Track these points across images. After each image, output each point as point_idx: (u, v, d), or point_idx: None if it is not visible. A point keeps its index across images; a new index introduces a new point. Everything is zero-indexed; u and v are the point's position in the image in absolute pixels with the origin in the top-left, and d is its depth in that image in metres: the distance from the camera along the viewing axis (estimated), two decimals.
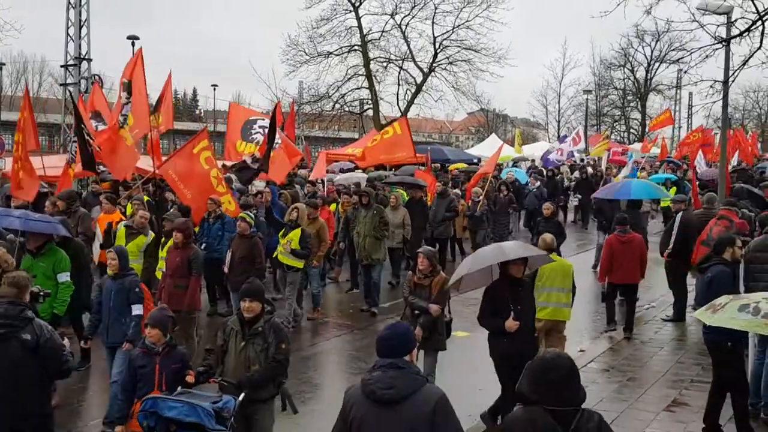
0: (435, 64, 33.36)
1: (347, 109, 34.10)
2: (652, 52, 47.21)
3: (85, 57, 21.37)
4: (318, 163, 19.78)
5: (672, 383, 8.37)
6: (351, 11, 32.12)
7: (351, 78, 33.08)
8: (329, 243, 12.35)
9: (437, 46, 33.10)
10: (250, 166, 13.10)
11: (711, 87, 12.72)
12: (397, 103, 33.65)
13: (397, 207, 13.46)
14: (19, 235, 8.08)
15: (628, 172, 19.79)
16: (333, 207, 14.28)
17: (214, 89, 52.82)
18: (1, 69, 43.63)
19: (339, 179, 18.69)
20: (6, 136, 25.45)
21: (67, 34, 21.33)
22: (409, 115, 29.46)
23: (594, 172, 23.41)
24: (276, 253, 10.85)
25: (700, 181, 17.87)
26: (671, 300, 11.48)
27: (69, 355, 5.15)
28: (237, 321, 5.46)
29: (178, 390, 5.27)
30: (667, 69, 47.24)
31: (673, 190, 18.77)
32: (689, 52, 13.25)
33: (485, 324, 6.84)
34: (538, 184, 19.58)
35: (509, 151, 29.93)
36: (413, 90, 33.61)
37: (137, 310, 6.81)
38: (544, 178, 21.33)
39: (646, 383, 8.38)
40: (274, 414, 5.59)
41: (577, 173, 25.20)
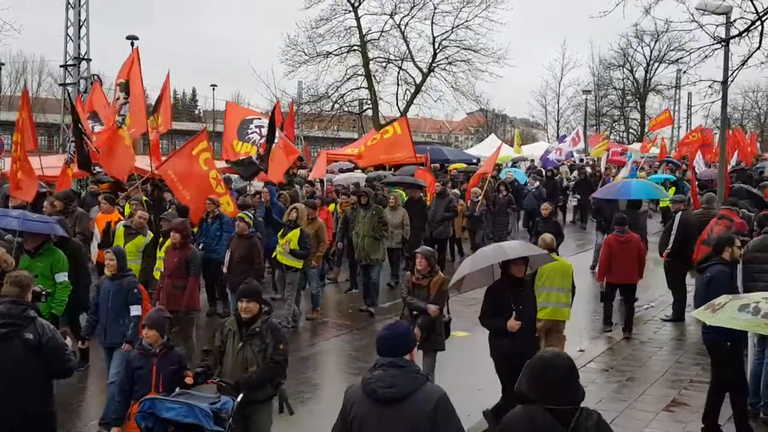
0: (434, 64, 33.36)
1: (346, 109, 34.08)
2: (651, 52, 47.32)
3: (85, 57, 21.34)
4: (318, 163, 19.74)
5: (671, 383, 8.37)
6: (350, 11, 32.12)
7: (350, 78, 33.09)
8: (328, 243, 12.34)
9: (436, 46, 33.11)
10: (255, 162, 13.08)
11: (710, 87, 12.73)
12: (397, 103, 33.67)
13: (396, 207, 13.45)
14: (17, 235, 8.06)
15: (627, 173, 19.80)
16: (332, 207, 14.27)
17: (213, 89, 52.84)
18: (0, 69, 43.62)
19: (338, 179, 18.68)
20: (5, 136, 25.43)
21: (67, 34, 21.30)
22: (409, 115, 29.39)
23: (593, 172, 23.40)
24: (275, 254, 10.84)
25: (700, 181, 17.89)
26: (670, 300, 11.49)
27: (71, 354, 5.17)
28: (234, 322, 5.46)
29: (176, 391, 5.27)
30: (667, 69, 47.38)
31: (672, 190, 18.78)
32: (688, 52, 13.26)
33: (487, 324, 6.83)
34: (537, 184, 19.57)
35: (508, 151, 29.94)
36: (412, 90, 33.61)
37: (136, 311, 6.80)
38: (543, 178, 21.32)
39: (646, 383, 8.38)
40: (272, 415, 5.59)
41: (575, 173, 25.23)
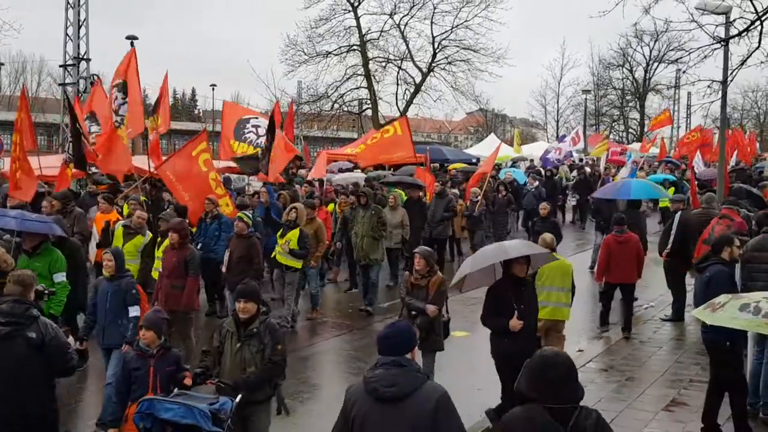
0: (434, 64, 33.35)
1: (346, 108, 34.06)
2: (651, 51, 47.30)
3: (84, 57, 21.34)
4: (317, 163, 19.75)
5: (671, 383, 8.37)
6: (350, 11, 32.11)
7: (350, 78, 33.07)
8: (327, 243, 12.33)
9: (436, 46, 33.10)
10: (258, 157, 13.09)
11: (709, 87, 12.72)
12: (396, 103, 33.66)
13: (396, 207, 13.44)
14: (15, 235, 8.05)
15: (627, 173, 19.79)
16: (331, 207, 14.26)
17: (213, 89, 52.83)
18: None
19: (337, 179, 18.67)
20: (5, 136, 25.42)
21: (66, 34, 21.29)
22: (408, 114, 29.39)
23: (592, 172, 23.40)
24: (274, 253, 10.83)
25: (699, 181, 17.88)
26: (670, 299, 11.48)
27: (73, 353, 5.20)
28: (232, 322, 5.44)
29: (175, 391, 5.26)
30: (666, 69, 47.36)
31: (671, 190, 18.77)
32: (688, 52, 13.25)
33: (489, 324, 6.79)
34: (537, 184, 19.57)
35: (508, 151, 29.94)
36: (412, 90, 33.59)
37: (135, 311, 6.77)
38: (542, 178, 21.33)
39: (645, 383, 8.37)
40: (270, 415, 5.57)
41: (575, 173, 25.23)
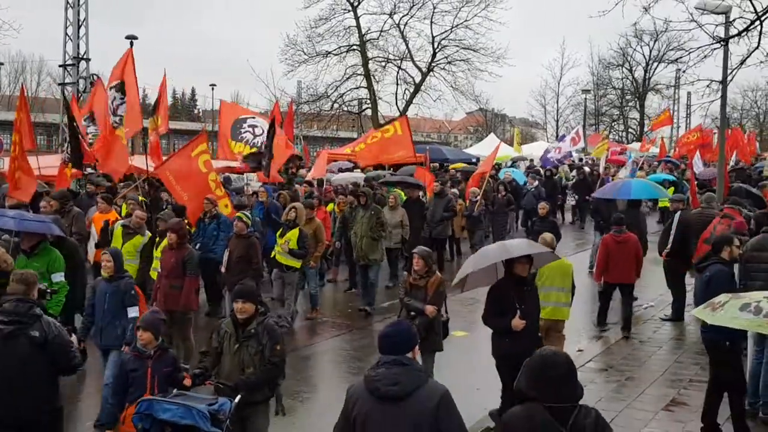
0: (433, 64, 33.35)
1: (346, 108, 34.07)
2: (651, 51, 47.32)
3: (84, 57, 21.33)
4: (317, 163, 19.74)
5: (670, 383, 8.36)
6: (349, 11, 32.11)
7: (349, 78, 33.08)
8: (326, 243, 12.31)
9: (436, 46, 33.11)
10: (263, 152, 13.13)
11: (708, 87, 12.72)
12: (396, 103, 33.68)
13: (396, 207, 13.43)
14: (13, 235, 8.04)
15: (628, 173, 19.79)
16: (330, 207, 14.25)
17: (213, 89, 52.82)
18: None
19: (336, 179, 18.66)
20: (4, 136, 25.43)
21: (66, 34, 21.29)
22: (408, 114, 29.41)
23: (591, 172, 23.39)
24: (274, 253, 10.82)
25: (699, 181, 17.88)
26: (670, 299, 11.47)
27: (77, 351, 5.24)
28: (231, 323, 5.42)
29: (174, 392, 5.25)
30: (666, 69, 47.38)
31: (671, 190, 18.75)
32: (688, 51, 13.24)
33: (491, 324, 6.76)
34: (536, 183, 19.57)
35: (508, 151, 29.93)
36: (412, 90, 33.60)
37: (133, 312, 6.74)
38: (541, 177, 21.34)
39: (645, 383, 8.37)
40: (269, 416, 5.56)
41: (574, 173, 25.22)
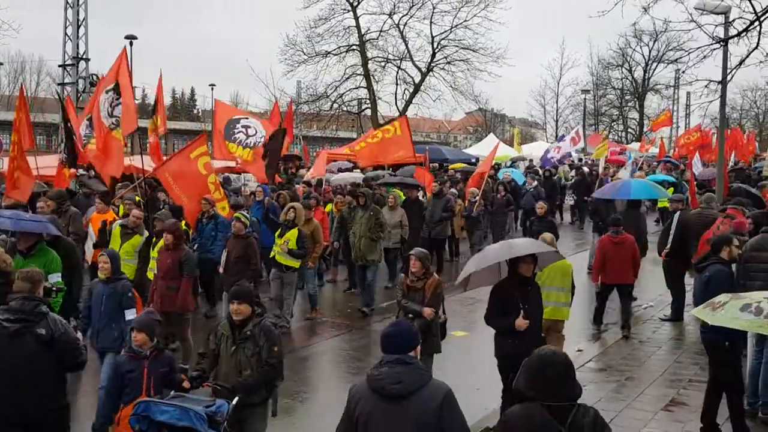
0: (433, 64, 33.34)
1: (345, 108, 34.05)
2: (650, 51, 47.37)
3: (83, 57, 21.33)
4: (317, 163, 19.73)
5: (670, 383, 8.36)
6: (349, 11, 32.09)
7: (349, 78, 33.05)
8: (324, 244, 12.30)
9: (435, 46, 33.10)
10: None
11: (706, 87, 12.71)
12: (395, 103, 33.65)
13: (395, 207, 13.43)
14: (10, 235, 8.02)
15: (628, 173, 19.78)
16: (329, 208, 14.24)
17: (212, 89, 52.75)
18: None
19: (335, 179, 18.66)
20: (4, 136, 25.45)
21: (65, 34, 21.29)
22: (407, 114, 29.40)
23: (590, 172, 23.39)
24: (273, 253, 10.81)
25: (698, 181, 17.88)
26: (669, 299, 11.47)
27: (83, 348, 5.26)
28: (227, 325, 5.39)
29: (171, 394, 5.24)
30: (665, 69, 47.42)
31: (670, 190, 18.75)
32: (687, 52, 13.23)
33: (494, 324, 6.72)
34: (536, 184, 19.57)
35: (508, 151, 29.94)
36: (411, 90, 33.58)
37: (131, 315, 6.69)
38: (540, 177, 21.35)
39: (644, 383, 8.36)
40: (266, 417, 5.53)
41: (573, 173, 25.23)
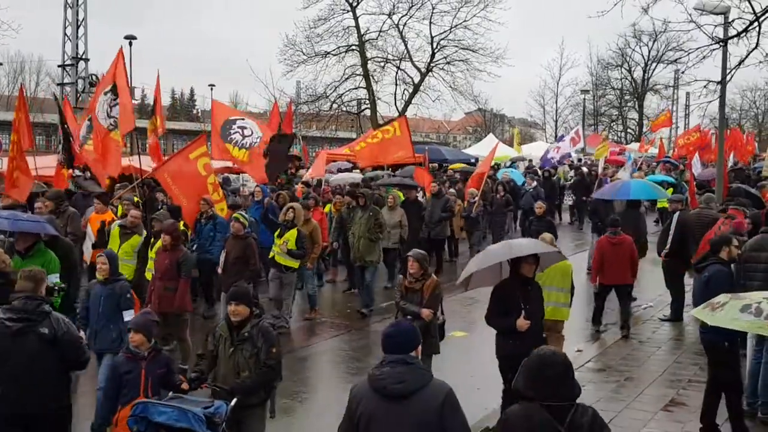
0: (432, 64, 33.33)
1: (345, 109, 34.03)
2: (650, 52, 47.39)
3: (83, 57, 21.35)
4: (316, 163, 19.73)
5: (669, 383, 8.35)
6: (348, 11, 32.07)
7: (348, 78, 33.02)
8: (322, 244, 12.29)
9: (435, 46, 33.08)
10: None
11: (705, 87, 12.73)
12: (395, 103, 33.64)
13: (394, 207, 13.43)
14: (8, 236, 8.01)
15: (628, 173, 19.77)
16: (327, 208, 14.23)
17: (212, 89, 52.78)
18: None
19: (334, 179, 18.65)
20: (3, 136, 25.43)
21: (65, 34, 21.31)
22: (407, 114, 29.39)
23: (589, 172, 23.40)
24: (272, 254, 10.80)
25: (698, 182, 17.88)
26: (669, 300, 11.46)
27: (86, 346, 5.31)
28: (225, 326, 5.36)
29: (169, 395, 5.23)
30: (665, 69, 47.43)
31: (670, 190, 18.75)
32: (686, 52, 13.25)
33: (494, 324, 6.71)
34: (535, 184, 19.56)
35: (507, 151, 29.93)
36: (411, 90, 33.57)
37: (129, 316, 6.65)
38: (539, 178, 21.34)
39: (644, 383, 8.36)
40: (265, 418, 5.52)
41: (572, 173, 25.23)
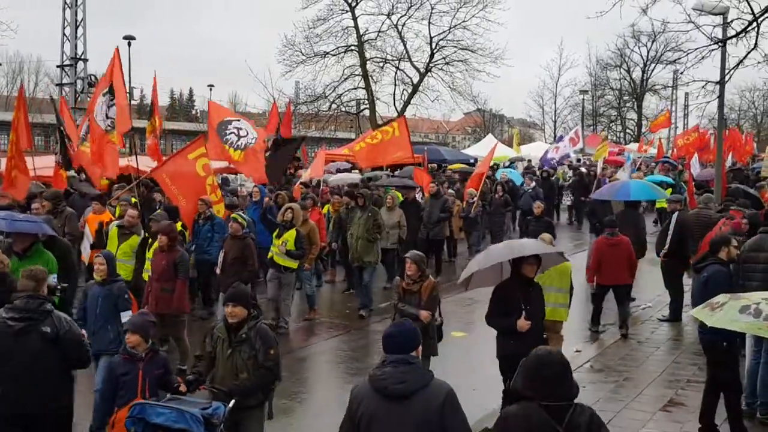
0: (431, 65, 33.32)
1: (344, 109, 34.01)
2: (648, 52, 47.38)
3: (81, 57, 21.32)
4: (315, 163, 19.69)
5: (668, 383, 8.36)
6: (347, 11, 32.06)
7: (347, 78, 33.01)
8: (320, 245, 12.28)
9: (434, 47, 33.07)
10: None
11: (703, 88, 12.75)
12: (394, 104, 33.62)
13: (393, 207, 13.43)
14: (5, 236, 8.00)
15: (627, 174, 19.77)
16: (326, 209, 14.22)
17: (210, 89, 52.92)
18: None
19: (334, 179, 18.63)
20: (2, 137, 25.42)
21: (64, 34, 21.28)
22: (406, 115, 29.39)
23: (587, 172, 23.41)
24: (270, 254, 10.79)
25: (697, 182, 17.89)
26: (667, 300, 11.46)
27: (88, 344, 5.33)
28: (223, 328, 5.34)
29: (167, 396, 5.21)
30: (664, 69, 47.42)
31: (668, 190, 18.76)
32: (685, 53, 13.24)
33: (494, 324, 6.70)
34: (534, 184, 19.56)
35: (507, 151, 29.93)
36: (410, 90, 33.56)
37: (127, 317, 6.64)
38: (538, 178, 21.33)
39: (643, 383, 8.36)
40: (263, 419, 5.51)
41: (570, 173, 25.25)
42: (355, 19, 32.17)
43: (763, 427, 7.04)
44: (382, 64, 33.54)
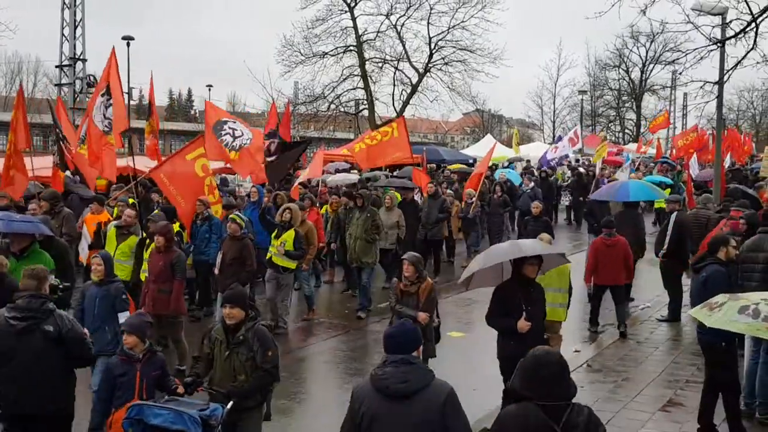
0: (430, 65, 33.34)
1: (342, 109, 34.03)
2: (647, 52, 47.47)
3: (80, 57, 21.31)
4: (314, 163, 19.69)
5: (667, 383, 8.36)
6: (346, 12, 32.08)
7: (346, 78, 33.02)
8: (319, 245, 12.26)
9: (432, 47, 33.09)
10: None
11: (701, 88, 12.75)
12: (393, 104, 33.66)
13: (392, 208, 13.43)
14: (2, 237, 7.99)
15: (626, 174, 19.78)
16: (324, 209, 14.21)
17: (209, 90, 52.82)
18: None
19: (332, 180, 18.63)
20: (1, 137, 25.40)
21: (62, 35, 21.27)
22: (405, 115, 29.41)
23: (586, 172, 23.42)
24: (269, 255, 10.78)
25: (695, 182, 17.91)
26: (666, 300, 11.47)
27: (90, 343, 5.37)
28: (221, 329, 5.32)
29: (165, 397, 5.20)
30: (662, 70, 47.51)
31: (667, 191, 18.77)
32: (684, 53, 13.23)
33: (494, 324, 6.69)
34: (532, 184, 19.56)
35: (506, 151, 29.92)
36: (408, 90, 33.57)
37: (124, 317, 6.65)
38: (537, 178, 21.33)
39: (642, 383, 8.35)
40: (261, 420, 5.50)
41: (569, 173, 25.26)
42: (354, 19, 32.19)
43: (762, 427, 7.05)
44: (381, 65, 33.59)
